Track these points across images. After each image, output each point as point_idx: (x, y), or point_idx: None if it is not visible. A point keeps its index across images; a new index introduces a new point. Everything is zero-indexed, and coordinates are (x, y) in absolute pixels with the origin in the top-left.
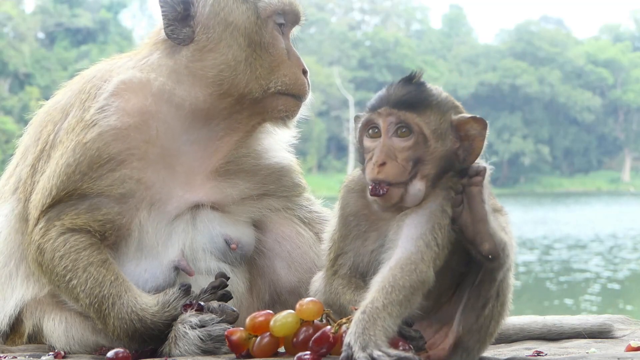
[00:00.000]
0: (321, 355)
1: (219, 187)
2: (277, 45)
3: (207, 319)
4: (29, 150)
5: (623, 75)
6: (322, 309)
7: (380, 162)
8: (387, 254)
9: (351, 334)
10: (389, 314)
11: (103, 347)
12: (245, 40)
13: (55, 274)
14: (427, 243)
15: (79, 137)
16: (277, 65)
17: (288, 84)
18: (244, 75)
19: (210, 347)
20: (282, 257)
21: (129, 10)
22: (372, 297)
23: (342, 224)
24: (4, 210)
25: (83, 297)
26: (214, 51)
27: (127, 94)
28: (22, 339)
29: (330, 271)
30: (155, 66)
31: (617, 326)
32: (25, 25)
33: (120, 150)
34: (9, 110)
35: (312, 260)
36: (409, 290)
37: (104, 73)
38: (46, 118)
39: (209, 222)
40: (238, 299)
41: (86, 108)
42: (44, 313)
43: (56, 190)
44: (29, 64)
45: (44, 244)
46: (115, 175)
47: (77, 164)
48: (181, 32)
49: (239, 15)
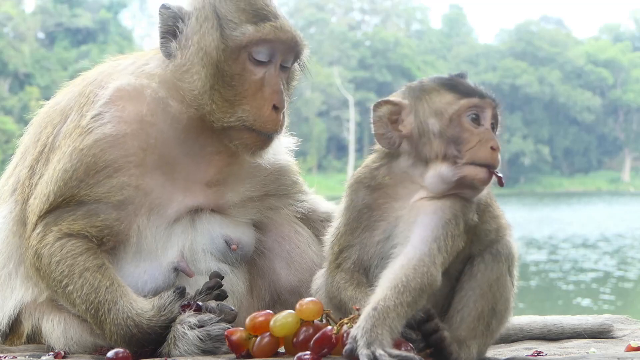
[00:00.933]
0: (322, 356)
1: (219, 192)
2: (247, 77)
3: (206, 318)
4: (28, 151)
5: (623, 75)
6: (322, 309)
7: (498, 148)
8: (396, 249)
9: (359, 327)
10: (397, 315)
11: (103, 347)
12: (210, 69)
13: (52, 279)
14: (439, 247)
15: (76, 143)
16: (240, 99)
17: (248, 119)
18: (207, 105)
19: (209, 347)
20: (281, 257)
21: (129, 10)
22: (384, 294)
23: (352, 217)
24: (3, 212)
25: (79, 303)
26: (188, 73)
27: (123, 102)
28: (21, 340)
29: (334, 264)
30: (151, 75)
31: (617, 326)
32: (25, 25)
33: (117, 157)
34: (9, 110)
35: (311, 259)
36: (418, 292)
37: (103, 77)
38: (46, 119)
39: (209, 223)
40: (238, 299)
41: (83, 114)
42: (43, 314)
43: (54, 196)
44: (29, 64)
45: (41, 249)
46: (112, 182)
47: (73, 170)
48: (169, 46)
49: (210, 42)
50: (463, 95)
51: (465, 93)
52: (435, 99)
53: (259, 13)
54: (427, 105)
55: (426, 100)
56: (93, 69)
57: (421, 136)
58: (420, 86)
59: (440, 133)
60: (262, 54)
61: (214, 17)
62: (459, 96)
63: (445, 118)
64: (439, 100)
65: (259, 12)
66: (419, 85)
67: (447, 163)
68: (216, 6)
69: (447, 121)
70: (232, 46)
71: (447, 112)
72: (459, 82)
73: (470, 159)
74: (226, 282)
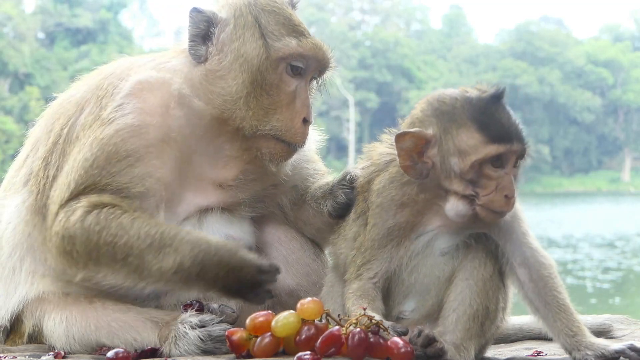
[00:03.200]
0: (328, 356)
1: (229, 193)
2: (283, 88)
3: (207, 319)
4: (40, 142)
5: (623, 75)
6: (323, 308)
7: (513, 197)
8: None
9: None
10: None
11: (103, 347)
12: (250, 76)
13: (95, 250)
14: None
15: (96, 133)
16: (275, 109)
17: (279, 129)
18: (240, 111)
19: (210, 347)
20: (279, 260)
21: (129, 10)
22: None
23: (381, 234)
24: (15, 202)
25: (138, 245)
26: (223, 79)
27: (145, 93)
28: (23, 339)
29: (354, 275)
30: (175, 71)
31: (616, 326)
32: (25, 25)
33: (138, 147)
34: (9, 110)
35: (307, 264)
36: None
37: (122, 70)
38: (59, 110)
39: (215, 222)
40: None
41: (103, 106)
42: (44, 313)
43: (75, 184)
44: (29, 64)
45: (71, 228)
46: (134, 172)
47: (94, 158)
48: (199, 50)
49: (252, 50)
50: (491, 139)
51: (494, 137)
52: (463, 136)
53: (296, 29)
54: (452, 141)
55: (452, 136)
56: (109, 64)
57: (442, 170)
58: (451, 114)
59: (460, 175)
60: (299, 67)
61: (255, 27)
62: (487, 140)
63: (467, 162)
64: (466, 139)
65: (297, 28)
66: (450, 111)
67: (464, 201)
68: (257, 16)
69: (468, 166)
70: (273, 56)
71: (470, 157)
72: (493, 118)
73: (484, 205)
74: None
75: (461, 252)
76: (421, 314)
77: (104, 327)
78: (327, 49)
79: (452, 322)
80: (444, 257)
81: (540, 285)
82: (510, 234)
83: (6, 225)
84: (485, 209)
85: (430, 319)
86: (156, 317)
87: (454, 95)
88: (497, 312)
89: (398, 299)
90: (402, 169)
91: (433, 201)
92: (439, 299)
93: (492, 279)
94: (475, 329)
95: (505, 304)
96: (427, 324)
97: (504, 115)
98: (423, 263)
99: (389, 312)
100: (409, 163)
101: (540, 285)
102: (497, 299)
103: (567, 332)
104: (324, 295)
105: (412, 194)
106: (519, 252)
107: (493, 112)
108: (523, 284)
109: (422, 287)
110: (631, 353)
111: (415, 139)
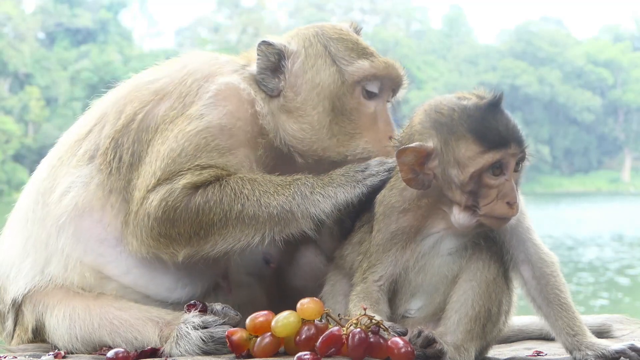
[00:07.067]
0: (328, 356)
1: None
2: (363, 111)
3: (210, 320)
4: (108, 119)
5: (623, 75)
6: (323, 308)
7: (515, 202)
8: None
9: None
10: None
11: (104, 347)
12: (330, 104)
13: (206, 224)
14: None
15: (181, 126)
16: (360, 132)
17: (373, 150)
18: (323, 141)
19: (211, 349)
20: (288, 262)
21: (129, 10)
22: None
23: (385, 239)
24: (81, 173)
25: (254, 193)
26: (299, 110)
27: (233, 99)
28: (27, 335)
29: (360, 278)
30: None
31: (616, 326)
32: (25, 25)
33: (228, 144)
34: (9, 110)
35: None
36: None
37: (207, 70)
38: (133, 93)
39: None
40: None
41: (187, 103)
42: (47, 307)
43: (161, 172)
44: (29, 64)
45: (170, 211)
46: (223, 158)
47: (181, 149)
48: (271, 82)
49: (326, 77)
50: (489, 147)
51: (491, 145)
52: (462, 148)
53: (366, 51)
54: (451, 153)
55: (452, 148)
56: (190, 58)
57: (444, 181)
58: (449, 126)
59: (461, 186)
60: (375, 88)
61: (326, 55)
62: (484, 150)
63: (466, 173)
64: (464, 150)
65: (366, 51)
66: (448, 122)
67: (467, 212)
68: (326, 45)
69: (467, 177)
70: (349, 80)
71: (468, 168)
72: (490, 126)
73: (486, 213)
74: (250, 294)
75: (469, 251)
76: (427, 312)
77: (106, 325)
78: (400, 66)
79: (454, 323)
80: (452, 256)
81: (542, 282)
82: (514, 227)
83: (62, 196)
84: (489, 217)
85: (434, 319)
86: (157, 317)
87: (451, 105)
88: (499, 314)
89: (405, 298)
90: (405, 182)
91: (437, 206)
92: (446, 296)
93: (496, 281)
94: (477, 330)
95: (509, 307)
96: (430, 324)
97: (501, 121)
98: (430, 263)
99: (395, 310)
100: (411, 176)
101: (542, 283)
102: (500, 302)
103: (568, 331)
104: (326, 293)
105: (412, 199)
106: (522, 248)
107: (490, 120)
108: (526, 281)
109: (429, 286)
110: (631, 353)
111: (416, 153)
